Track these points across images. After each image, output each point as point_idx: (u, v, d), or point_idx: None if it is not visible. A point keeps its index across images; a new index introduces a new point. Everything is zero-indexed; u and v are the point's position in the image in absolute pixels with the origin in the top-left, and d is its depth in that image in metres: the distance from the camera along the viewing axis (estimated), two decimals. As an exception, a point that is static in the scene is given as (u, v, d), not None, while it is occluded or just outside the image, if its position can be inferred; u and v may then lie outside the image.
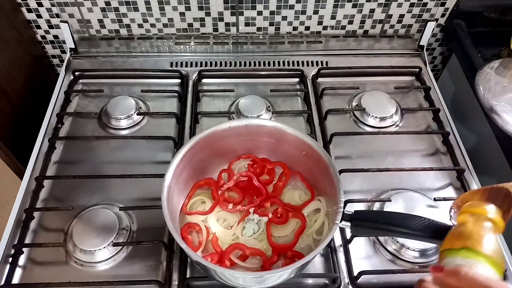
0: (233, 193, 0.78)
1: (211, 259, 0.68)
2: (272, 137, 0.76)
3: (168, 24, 1.09)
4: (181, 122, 0.96)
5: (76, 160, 0.90)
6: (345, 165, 0.85)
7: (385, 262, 0.76)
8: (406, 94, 1.06)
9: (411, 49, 1.14)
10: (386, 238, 0.78)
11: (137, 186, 0.84)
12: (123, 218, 0.79)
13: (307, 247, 0.72)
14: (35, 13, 1.08)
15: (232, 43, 1.12)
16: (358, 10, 1.07)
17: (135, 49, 1.11)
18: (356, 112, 1.00)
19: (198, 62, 1.09)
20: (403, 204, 0.81)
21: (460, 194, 0.86)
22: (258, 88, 1.05)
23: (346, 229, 0.74)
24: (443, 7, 1.08)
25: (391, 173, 0.86)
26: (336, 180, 0.66)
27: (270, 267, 0.69)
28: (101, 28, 1.09)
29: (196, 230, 0.73)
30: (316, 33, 1.13)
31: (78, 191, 0.84)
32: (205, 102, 1.02)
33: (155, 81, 1.06)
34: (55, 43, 1.17)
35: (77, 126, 0.96)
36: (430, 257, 0.76)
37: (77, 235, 0.75)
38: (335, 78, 1.08)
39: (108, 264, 0.75)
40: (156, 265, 0.75)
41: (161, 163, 0.89)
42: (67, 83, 1.03)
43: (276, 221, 0.74)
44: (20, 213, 0.79)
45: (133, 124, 0.96)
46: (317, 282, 0.74)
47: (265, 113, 0.97)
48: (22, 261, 0.75)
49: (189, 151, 0.71)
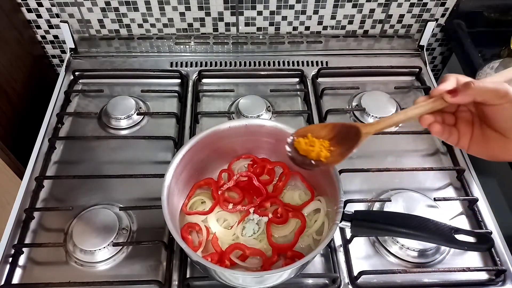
0: (233, 193, 0.78)
1: (211, 259, 0.68)
2: (272, 137, 0.76)
3: (168, 24, 1.09)
4: (181, 122, 0.96)
5: (76, 160, 0.90)
6: (345, 165, 0.85)
7: (385, 262, 0.76)
8: (406, 94, 1.05)
9: (411, 49, 1.14)
10: (386, 238, 0.78)
11: (137, 186, 0.84)
12: (123, 218, 0.79)
13: (307, 247, 0.72)
14: (35, 13, 1.08)
15: (232, 43, 1.12)
16: (358, 10, 1.07)
17: (135, 49, 1.11)
18: (356, 112, 1.00)
19: (198, 62, 1.09)
20: (403, 204, 0.81)
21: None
22: (258, 88, 1.05)
23: (346, 229, 0.74)
24: (443, 7, 1.08)
25: (391, 173, 0.86)
26: (336, 180, 0.66)
27: (270, 267, 0.69)
28: (101, 28, 1.09)
29: (196, 230, 0.73)
30: (316, 33, 1.13)
31: (78, 191, 0.84)
32: (205, 102, 1.02)
33: (155, 81, 1.06)
34: (55, 43, 1.17)
35: (77, 126, 0.96)
36: (430, 257, 0.76)
37: (77, 235, 0.75)
38: (335, 78, 1.08)
39: (108, 264, 0.75)
40: (156, 265, 0.75)
41: (161, 163, 0.89)
42: (67, 83, 1.03)
43: (276, 221, 0.74)
44: (20, 213, 0.79)
45: (133, 124, 0.96)
46: (317, 282, 0.74)
47: (265, 113, 0.97)
48: (22, 261, 0.75)
49: (189, 151, 0.71)
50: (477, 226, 0.81)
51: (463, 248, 0.59)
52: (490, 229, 0.80)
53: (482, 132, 0.51)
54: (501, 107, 0.46)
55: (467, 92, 0.47)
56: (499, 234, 0.80)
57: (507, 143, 0.48)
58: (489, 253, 0.77)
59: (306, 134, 0.59)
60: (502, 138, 0.49)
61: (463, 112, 0.53)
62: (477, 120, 0.52)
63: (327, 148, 0.58)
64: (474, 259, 0.77)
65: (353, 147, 0.56)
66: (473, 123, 0.52)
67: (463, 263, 0.76)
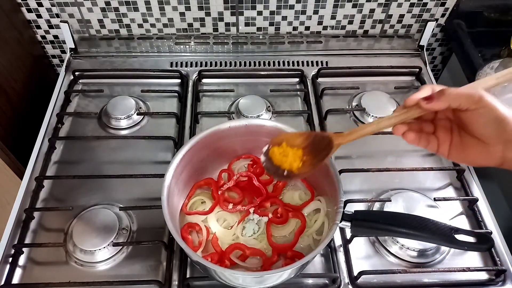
0: (233, 193, 0.78)
1: (211, 259, 0.68)
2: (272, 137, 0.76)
3: (168, 24, 1.09)
4: (181, 122, 0.96)
5: (76, 160, 0.90)
6: (345, 165, 0.85)
7: (385, 262, 0.76)
8: (406, 94, 1.05)
9: (411, 49, 1.14)
10: (386, 238, 0.78)
11: (137, 186, 0.84)
12: (123, 218, 0.79)
13: (307, 247, 0.72)
14: (35, 13, 1.08)
15: (232, 43, 1.12)
16: (358, 10, 1.07)
17: (135, 49, 1.11)
18: (356, 112, 1.00)
19: (198, 62, 1.09)
20: (403, 204, 0.81)
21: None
22: (258, 88, 1.05)
23: (346, 229, 0.74)
24: (443, 7, 1.08)
25: (391, 173, 0.86)
26: (336, 180, 0.66)
27: (270, 267, 0.69)
28: (101, 28, 1.09)
29: (196, 230, 0.73)
30: (316, 33, 1.13)
31: (78, 191, 0.84)
32: (205, 102, 1.02)
33: (155, 81, 1.06)
34: (55, 43, 1.17)
35: (77, 126, 0.96)
36: (430, 257, 0.76)
37: (77, 235, 0.75)
38: (335, 78, 1.08)
39: (108, 264, 0.75)
40: (156, 265, 0.75)
41: (161, 163, 0.89)
42: (67, 83, 1.03)
43: (276, 221, 0.74)
44: (20, 213, 0.79)
45: (133, 124, 0.96)
46: (317, 282, 0.74)
47: (265, 113, 0.97)
48: (22, 261, 0.75)
49: (189, 151, 0.71)
50: (477, 226, 0.81)
51: (463, 248, 0.59)
52: (490, 229, 0.80)
53: (461, 139, 0.51)
54: (476, 113, 0.47)
55: (442, 98, 0.48)
56: (499, 234, 0.80)
57: (485, 148, 0.49)
58: (489, 253, 0.77)
59: (281, 143, 0.61)
60: (481, 144, 0.49)
61: (441, 119, 0.53)
62: (456, 127, 0.52)
63: (300, 157, 0.59)
64: (474, 259, 0.77)
65: (324, 157, 0.57)
66: (451, 130, 0.52)
67: (463, 263, 0.76)
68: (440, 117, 0.53)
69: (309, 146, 0.59)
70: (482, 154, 0.50)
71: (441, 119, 0.53)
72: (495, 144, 0.48)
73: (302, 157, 0.59)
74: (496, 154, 0.49)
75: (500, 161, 0.49)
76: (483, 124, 0.47)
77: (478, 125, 0.48)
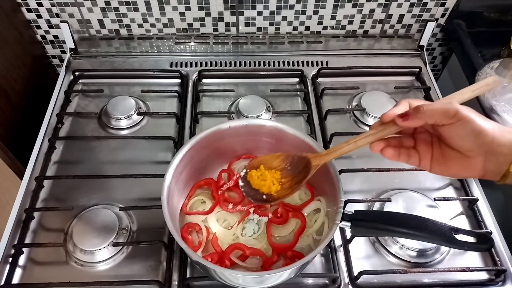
0: (233, 193, 0.78)
1: (211, 259, 0.68)
2: (272, 137, 0.76)
3: (168, 24, 1.09)
4: (181, 122, 0.96)
5: (76, 160, 0.90)
6: (345, 165, 0.85)
7: (385, 262, 0.76)
8: (406, 94, 1.06)
9: (411, 49, 1.14)
10: (386, 238, 0.78)
11: (137, 186, 0.84)
12: (123, 218, 0.79)
13: (307, 247, 0.72)
14: (35, 13, 1.08)
15: (232, 43, 1.12)
16: (358, 10, 1.07)
17: (135, 49, 1.11)
18: (356, 112, 1.00)
19: (198, 62, 1.09)
20: (403, 204, 0.81)
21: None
22: (258, 88, 1.05)
23: (346, 229, 0.74)
24: (443, 7, 1.08)
25: (391, 173, 0.86)
26: (336, 180, 0.66)
27: (270, 267, 0.69)
28: (101, 28, 1.09)
29: (196, 230, 0.73)
30: (316, 33, 1.13)
31: (78, 191, 0.84)
32: (205, 102, 1.02)
33: (155, 81, 1.06)
34: (55, 43, 1.17)
35: (77, 126, 0.96)
36: (430, 257, 0.76)
37: (77, 235, 0.75)
38: (335, 78, 1.08)
39: (108, 264, 0.75)
40: (156, 265, 0.75)
41: (161, 163, 0.89)
42: (67, 83, 1.03)
43: (276, 221, 0.73)
44: (20, 213, 0.79)
45: (133, 124, 0.96)
46: (317, 282, 0.74)
47: (265, 113, 0.97)
48: (22, 261, 0.75)
49: (189, 151, 0.71)
50: (477, 226, 0.81)
51: (463, 248, 0.59)
52: (490, 229, 0.80)
53: (442, 152, 0.51)
54: (453, 126, 0.47)
55: (417, 116, 0.48)
56: (499, 234, 0.80)
57: (466, 160, 0.49)
58: (489, 253, 0.77)
59: (259, 166, 0.62)
60: (461, 156, 0.49)
61: (422, 133, 0.53)
62: (436, 141, 0.52)
63: (278, 180, 0.60)
64: (474, 259, 0.77)
65: (303, 179, 0.58)
66: (432, 143, 0.52)
67: (463, 263, 0.76)
68: (420, 130, 0.53)
69: (287, 167, 0.60)
70: (464, 166, 0.50)
71: (421, 132, 0.53)
72: (475, 156, 0.48)
73: (280, 179, 0.60)
74: (477, 166, 0.49)
75: (482, 172, 0.49)
76: (462, 137, 0.47)
77: (457, 138, 0.48)
